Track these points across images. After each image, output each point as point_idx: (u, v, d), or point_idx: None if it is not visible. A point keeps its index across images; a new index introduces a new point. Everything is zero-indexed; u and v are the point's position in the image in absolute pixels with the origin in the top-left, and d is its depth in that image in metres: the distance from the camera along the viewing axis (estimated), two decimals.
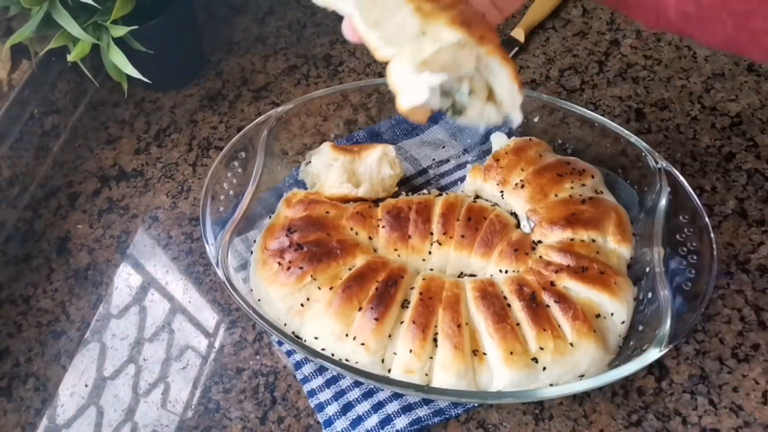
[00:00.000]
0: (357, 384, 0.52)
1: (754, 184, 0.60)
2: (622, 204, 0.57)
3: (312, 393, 0.52)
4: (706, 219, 0.52)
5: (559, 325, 0.49)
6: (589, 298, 0.50)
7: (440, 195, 0.59)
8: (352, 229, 0.57)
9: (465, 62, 0.34)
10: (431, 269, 0.56)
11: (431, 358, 0.49)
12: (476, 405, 0.50)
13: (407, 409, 0.50)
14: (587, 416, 0.50)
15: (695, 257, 0.51)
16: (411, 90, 0.32)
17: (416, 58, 0.32)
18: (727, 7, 0.30)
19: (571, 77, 0.71)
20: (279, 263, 0.54)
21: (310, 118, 0.65)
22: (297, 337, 0.52)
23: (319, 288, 0.52)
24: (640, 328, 0.50)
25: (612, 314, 0.50)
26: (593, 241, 0.53)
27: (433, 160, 0.65)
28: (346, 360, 0.50)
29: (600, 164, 0.60)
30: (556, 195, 0.56)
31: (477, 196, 0.60)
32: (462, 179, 0.63)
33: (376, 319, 0.50)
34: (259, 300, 0.54)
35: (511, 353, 0.48)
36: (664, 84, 0.69)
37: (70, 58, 0.60)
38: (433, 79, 0.32)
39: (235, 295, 0.51)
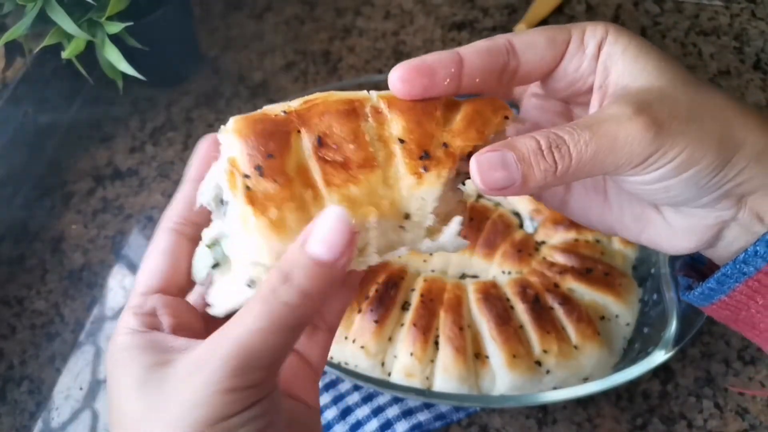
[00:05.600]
0: (356, 388, 0.51)
1: None
2: None
3: None
4: None
5: (563, 328, 0.48)
6: (593, 299, 0.50)
7: None
8: None
9: None
10: (432, 270, 0.55)
11: (432, 361, 0.48)
12: (478, 409, 0.49)
13: (408, 413, 0.49)
14: (591, 420, 0.49)
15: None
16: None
17: None
18: None
19: None
20: None
21: None
22: None
23: None
24: (646, 330, 0.49)
25: (617, 316, 0.50)
26: (598, 241, 0.52)
27: None
28: (345, 363, 0.49)
29: None
30: None
31: (479, 196, 0.59)
32: None
33: (376, 322, 0.49)
34: None
35: (514, 356, 0.47)
36: None
37: (64, 55, 0.59)
38: None
39: None
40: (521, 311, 0.49)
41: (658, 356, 0.45)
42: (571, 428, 0.49)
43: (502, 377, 0.47)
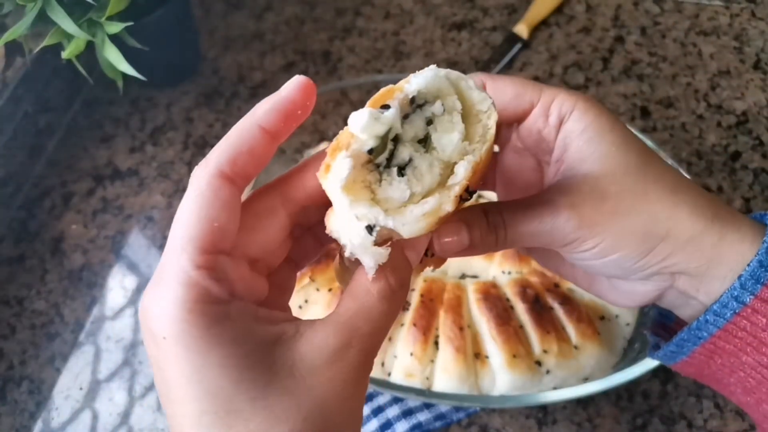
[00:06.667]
0: None
1: (760, 183, 0.59)
2: None
3: None
4: None
5: (563, 328, 0.48)
6: (593, 299, 0.50)
7: None
8: None
9: None
10: (432, 271, 0.55)
11: (432, 361, 0.48)
12: (478, 409, 0.49)
13: (408, 413, 0.49)
14: (591, 420, 0.49)
15: None
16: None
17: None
18: None
19: (575, 74, 0.70)
20: None
21: None
22: None
23: (318, 290, 0.51)
24: (645, 330, 0.49)
25: (617, 316, 0.50)
26: None
27: None
28: None
29: None
30: None
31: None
32: None
33: None
34: None
35: (514, 356, 0.47)
36: (670, 81, 0.68)
37: (64, 55, 0.59)
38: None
39: None
40: (521, 311, 0.49)
41: None
42: (571, 428, 0.48)
43: (502, 377, 0.47)
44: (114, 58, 0.60)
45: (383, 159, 0.25)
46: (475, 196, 0.32)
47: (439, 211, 0.24)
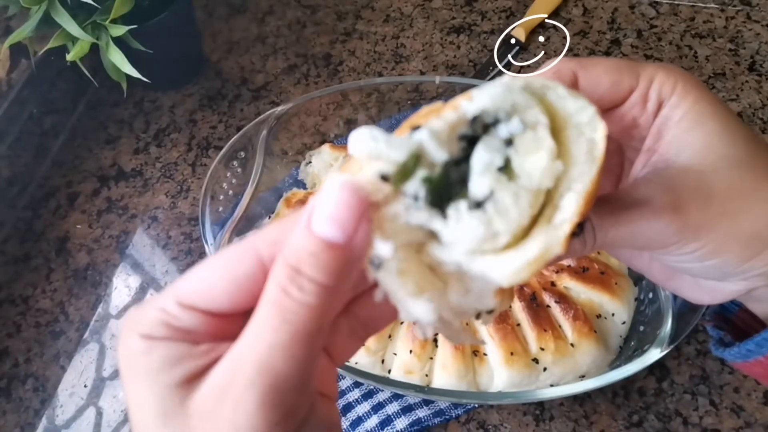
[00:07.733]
0: (357, 385, 0.52)
1: None
2: None
3: None
4: None
5: (559, 326, 0.49)
6: (589, 298, 0.50)
7: None
8: None
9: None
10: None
11: (431, 358, 0.49)
12: (476, 406, 0.50)
13: (407, 409, 0.50)
14: (588, 417, 0.50)
15: None
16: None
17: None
18: None
19: None
20: None
21: (309, 117, 0.64)
22: None
23: None
24: (641, 328, 0.50)
25: (613, 315, 0.50)
26: None
27: None
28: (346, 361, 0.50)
29: None
30: None
31: None
32: None
33: None
34: None
35: (512, 354, 0.47)
36: None
37: (69, 57, 0.60)
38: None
39: None
40: (518, 309, 0.49)
41: (654, 354, 0.45)
42: (567, 424, 0.49)
43: (499, 374, 0.48)
44: (118, 60, 0.60)
45: (416, 190, 0.20)
46: None
47: (546, 256, 0.20)
